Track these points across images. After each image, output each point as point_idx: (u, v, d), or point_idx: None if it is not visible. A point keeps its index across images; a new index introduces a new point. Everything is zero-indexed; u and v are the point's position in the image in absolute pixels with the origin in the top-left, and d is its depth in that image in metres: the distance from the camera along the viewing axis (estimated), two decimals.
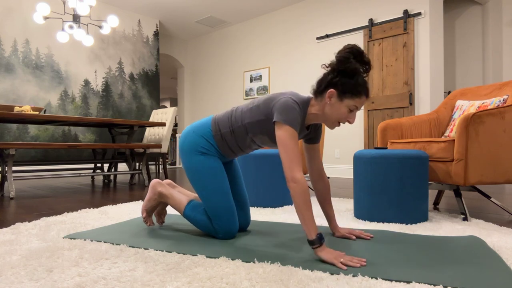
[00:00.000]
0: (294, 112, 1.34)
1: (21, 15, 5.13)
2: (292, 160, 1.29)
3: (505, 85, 2.33)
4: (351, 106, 1.35)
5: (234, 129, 1.50)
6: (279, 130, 1.33)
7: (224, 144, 1.54)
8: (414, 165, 1.89)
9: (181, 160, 1.59)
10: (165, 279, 1.07)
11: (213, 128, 1.55)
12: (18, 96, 5.08)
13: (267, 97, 1.45)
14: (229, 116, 1.53)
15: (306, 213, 1.24)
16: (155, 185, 1.70)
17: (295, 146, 1.31)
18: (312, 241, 1.23)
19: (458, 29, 5.56)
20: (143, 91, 6.54)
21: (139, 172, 3.97)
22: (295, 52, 5.94)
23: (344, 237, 1.54)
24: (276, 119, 1.35)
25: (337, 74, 1.35)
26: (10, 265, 1.19)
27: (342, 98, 1.34)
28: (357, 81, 1.33)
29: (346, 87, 1.33)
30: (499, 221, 2.02)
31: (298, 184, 1.26)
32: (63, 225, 1.82)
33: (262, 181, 2.43)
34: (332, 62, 1.36)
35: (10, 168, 2.96)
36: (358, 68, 1.33)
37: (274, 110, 1.37)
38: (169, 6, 6.17)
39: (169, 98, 14.73)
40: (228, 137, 1.52)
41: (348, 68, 1.32)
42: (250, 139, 1.51)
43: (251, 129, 1.47)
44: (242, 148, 1.56)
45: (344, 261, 1.17)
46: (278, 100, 1.38)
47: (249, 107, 1.49)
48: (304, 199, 1.25)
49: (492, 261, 1.21)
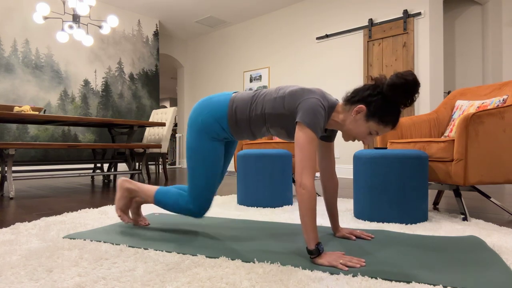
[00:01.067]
0: (320, 117, 1.27)
1: (21, 15, 5.12)
2: (306, 166, 1.24)
3: (504, 85, 2.33)
4: (373, 131, 1.31)
5: (251, 116, 1.43)
6: (300, 131, 1.27)
7: (237, 129, 1.48)
8: (414, 165, 1.89)
9: (187, 132, 1.57)
10: (165, 279, 1.07)
11: (229, 112, 1.47)
12: (18, 96, 5.08)
13: (294, 90, 1.36)
14: (249, 102, 1.45)
15: (309, 221, 1.21)
16: (122, 183, 1.71)
17: (312, 151, 1.25)
18: (311, 251, 1.20)
19: (458, 29, 5.56)
20: (143, 91, 6.54)
21: (139, 172, 3.97)
22: (295, 52, 5.94)
23: (344, 237, 1.54)
24: (299, 119, 1.28)
25: (377, 93, 1.28)
26: (10, 265, 1.19)
27: (368, 118, 1.29)
28: (392, 110, 1.27)
29: (378, 110, 1.27)
30: (498, 221, 2.02)
31: (306, 191, 1.21)
32: (63, 225, 1.82)
33: (262, 181, 2.43)
34: (380, 78, 1.29)
35: (10, 168, 2.96)
36: (401, 102, 1.26)
37: (299, 109, 1.30)
38: (169, 6, 6.17)
39: (169, 98, 14.73)
40: (242, 124, 1.46)
41: (395, 98, 1.25)
42: (266, 129, 1.45)
43: (269, 120, 1.40)
44: (254, 134, 1.50)
45: (343, 262, 1.17)
46: (307, 100, 1.30)
47: (273, 96, 1.40)
48: (310, 207, 1.21)
49: (492, 261, 1.21)
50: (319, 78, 5.60)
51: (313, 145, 1.26)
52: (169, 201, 1.59)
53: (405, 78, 1.22)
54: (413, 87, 1.22)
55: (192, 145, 1.53)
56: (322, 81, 5.57)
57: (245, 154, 2.50)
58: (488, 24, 5.18)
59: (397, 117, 1.29)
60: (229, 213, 2.20)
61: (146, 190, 1.66)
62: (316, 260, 1.20)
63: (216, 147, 1.52)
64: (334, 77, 5.41)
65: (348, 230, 1.57)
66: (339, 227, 1.58)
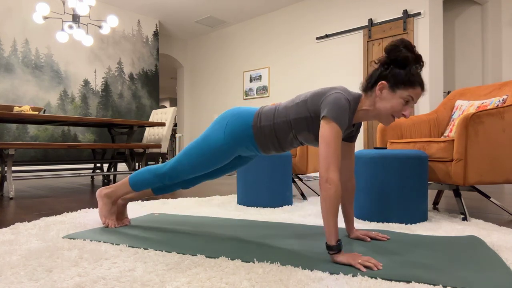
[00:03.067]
0: (345, 111, 1.26)
1: (20, 15, 5.12)
2: (331, 161, 1.21)
3: (504, 85, 2.33)
4: (406, 97, 1.27)
5: (276, 123, 1.41)
6: (325, 126, 1.25)
7: (261, 137, 1.45)
8: (413, 165, 1.89)
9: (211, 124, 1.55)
10: (165, 279, 1.07)
11: (254, 119, 1.45)
12: (17, 96, 5.08)
13: (315, 92, 1.36)
14: (273, 111, 1.44)
15: (332, 217, 1.19)
16: (99, 193, 1.77)
17: (337, 146, 1.23)
18: (332, 246, 1.19)
19: (458, 29, 5.56)
20: (142, 91, 6.54)
21: None
22: (295, 52, 5.94)
23: (359, 238, 1.52)
24: (325, 113, 1.25)
25: (388, 65, 1.29)
26: (9, 265, 1.18)
27: (394, 89, 1.27)
28: (410, 71, 1.26)
29: (398, 77, 1.26)
30: (498, 221, 2.02)
31: (332, 186, 1.19)
32: (62, 225, 1.82)
33: (262, 181, 2.43)
34: (381, 57, 1.31)
35: (10, 168, 2.95)
36: (409, 57, 1.26)
37: (324, 105, 1.28)
38: (168, 6, 6.16)
39: (169, 98, 14.73)
40: (267, 131, 1.43)
41: (399, 56, 1.26)
42: (293, 136, 1.42)
43: (295, 126, 1.38)
44: (282, 144, 1.45)
45: (361, 262, 1.15)
46: (330, 95, 1.29)
47: (295, 102, 1.39)
48: (335, 203, 1.19)
49: (492, 261, 1.21)
50: (319, 78, 5.60)
51: (339, 139, 1.24)
52: (142, 174, 1.66)
53: (397, 40, 1.28)
54: (408, 42, 1.26)
55: (209, 135, 1.51)
56: (322, 81, 5.57)
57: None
58: (488, 24, 5.18)
59: (418, 75, 1.27)
60: (229, 213, 2.21)
61: (120, 184, 1.72)
62: (336, 257, 1.19)
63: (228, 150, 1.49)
64: (334, 77, 5.41)
65: (363, 232, 1.55)
66: (353, 229, 1.56)
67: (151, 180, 1.64)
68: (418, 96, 1.29)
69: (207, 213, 2.18)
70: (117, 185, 1.73)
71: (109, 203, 1.75)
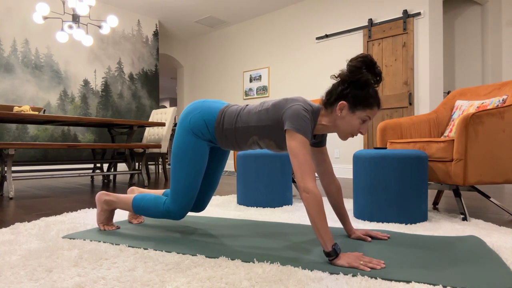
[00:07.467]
0: (306, 120, 1.30)
1: (20, 15, 5.12)
2: (304, 170, 1.24)
3: (504, 85, 2.33)
4: (364, 117, 1.33)
5: (237, 127, 1.46)
6: (291, 139, 1.29)
7: (222, 137, 1.51)
8: (413, 165, 1.89)
9: (175, 132, 1.58)
10: (165, 279, 1.07)
11: (217, 119, 1.50)
12: (17, 96, 5.07)
13: (277, 102, 1.40)
14: (236, 114, 1.48)
15: (320, 223, 1.20)
16: (100, 197, 1.71)
17: (307, 155, 1.26)
18: (329, 253, 1.19)
19: (458, 29, 5.57)
20: (142, 91, 6.54)
21: (138, 172, 3.97)
22: (295, 52, 5.94)
23: (359, 238, 1.52)
24: (287, 127, 1.30)
25: (348, 85, 1.32)
26: (9, 265, 1.19)
27: (353, 110, 1.32)
28: (369, 93, 1.31)
29: (358, 99, 1.30)
30: (498, 221, 2.02)
31: (311, 195, 1.21)
32: (62, 225, 1.82)
33: (262, 181, 2.43)
34: (342, 72, 1.33)
35: (10, 168, 2.95)
36: (370, 79, 1.30)
37: (285, 118, 1.33)
38: (168, 6, 6.16)
39: (169, 98, 14.73)
40: (228, 133, 1.48)
41: (360, 79, 1.29)
42: (254, 141, 1.47)
43: (257, 132, 1.43)
44: (240, 146, 1.52)
45: (364, 263, 1.15)
46: (289, 108, 1.33)
47: (257, 109, 1.44)
48: (318, 210, 1.20)
49: (492, 261, 1.21)
50: (319, 78, 5.60)
51: (307, 148, 1.28)
52: (147, 205, 1.59)
53: (359, 57, 1.29)
54: (370, 62, 1.29)
55: (177, 141, 1.54)
56: (321, 81, 5.57)
57: (244, 154, 2.50)
58: (488, 24, 5.19)
59: (376, 95, 1.33)
60: (229, 213, 2.21)
61: (124, 199, 1.67)
62: (336, 262, 1.18)
63: (200, 145, 1.52)
64: None
65: (363, 231, 1.55)
66: (352, 229, 1.56)
67: (155, 215, 1.59)
68: (374, 115, 1.36)
69: (207, 213, 2.18)
70: (119, 199, 1.68)
71: (107, 211, 1.72)
